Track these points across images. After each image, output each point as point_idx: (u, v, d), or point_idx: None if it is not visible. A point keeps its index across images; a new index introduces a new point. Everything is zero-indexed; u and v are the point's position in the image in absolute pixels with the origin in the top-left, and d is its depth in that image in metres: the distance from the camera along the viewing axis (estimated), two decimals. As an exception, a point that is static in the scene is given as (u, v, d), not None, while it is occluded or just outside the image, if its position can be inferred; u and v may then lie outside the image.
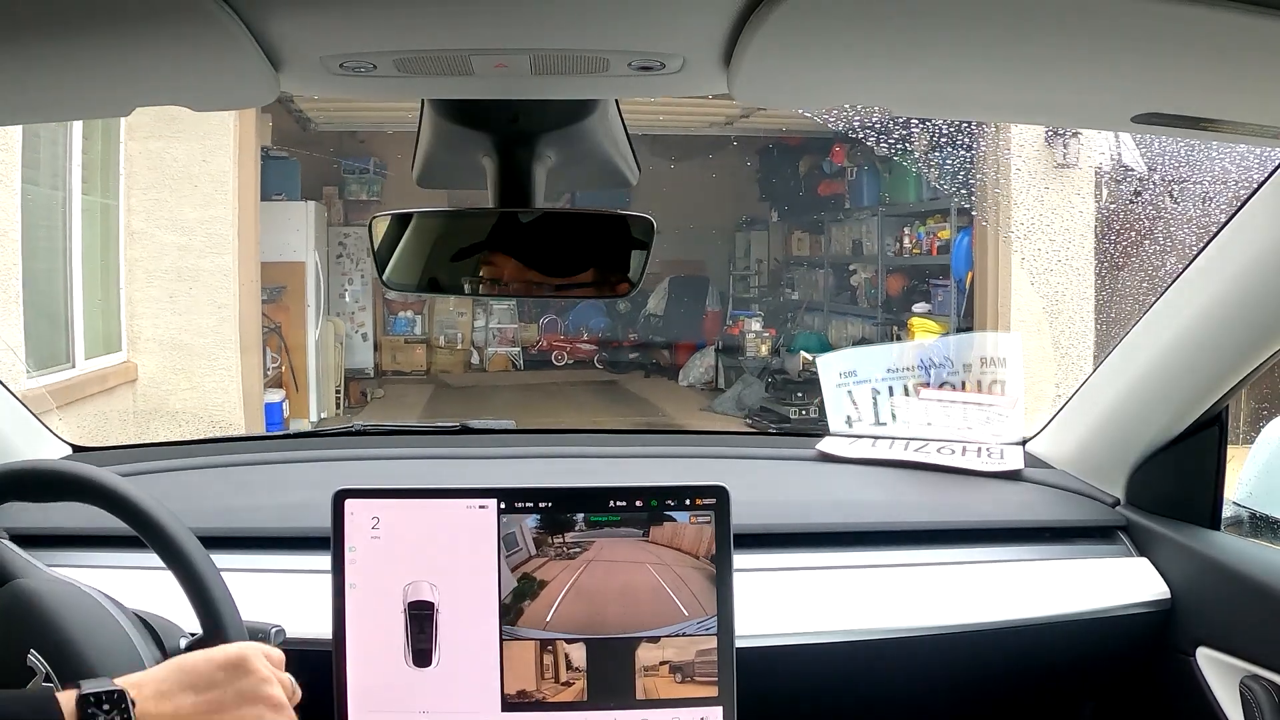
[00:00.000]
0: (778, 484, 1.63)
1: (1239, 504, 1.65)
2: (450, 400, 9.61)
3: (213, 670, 0.90)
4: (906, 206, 8.42)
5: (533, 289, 1.05)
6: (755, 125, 8.93)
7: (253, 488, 1.57)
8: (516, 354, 11.07)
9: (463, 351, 11.04)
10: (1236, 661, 1.29)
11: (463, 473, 1.62)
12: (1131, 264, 3.12)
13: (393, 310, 10.57)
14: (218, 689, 0.89)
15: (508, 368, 10.94)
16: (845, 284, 9.52)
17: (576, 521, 1.21)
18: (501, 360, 10.97)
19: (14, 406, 1.52)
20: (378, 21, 0.72)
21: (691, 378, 9.98)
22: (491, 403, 9.28)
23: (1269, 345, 1.28)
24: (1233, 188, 2.39)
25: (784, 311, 10.33)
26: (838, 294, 9.71)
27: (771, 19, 0.67)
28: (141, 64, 0.78)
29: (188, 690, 0.88)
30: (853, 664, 1.33)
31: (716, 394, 9.39)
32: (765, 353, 9.13)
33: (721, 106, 7.57)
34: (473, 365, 10.95)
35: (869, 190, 8.94)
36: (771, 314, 10.20)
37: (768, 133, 9.45)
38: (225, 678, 0.90)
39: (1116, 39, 0.71)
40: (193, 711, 0.88)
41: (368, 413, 8.64)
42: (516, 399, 9.48)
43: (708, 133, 9.23)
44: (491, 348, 11.08)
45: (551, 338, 11.15)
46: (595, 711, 1.19)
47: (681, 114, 8.06)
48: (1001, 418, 1.71)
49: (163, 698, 0.86)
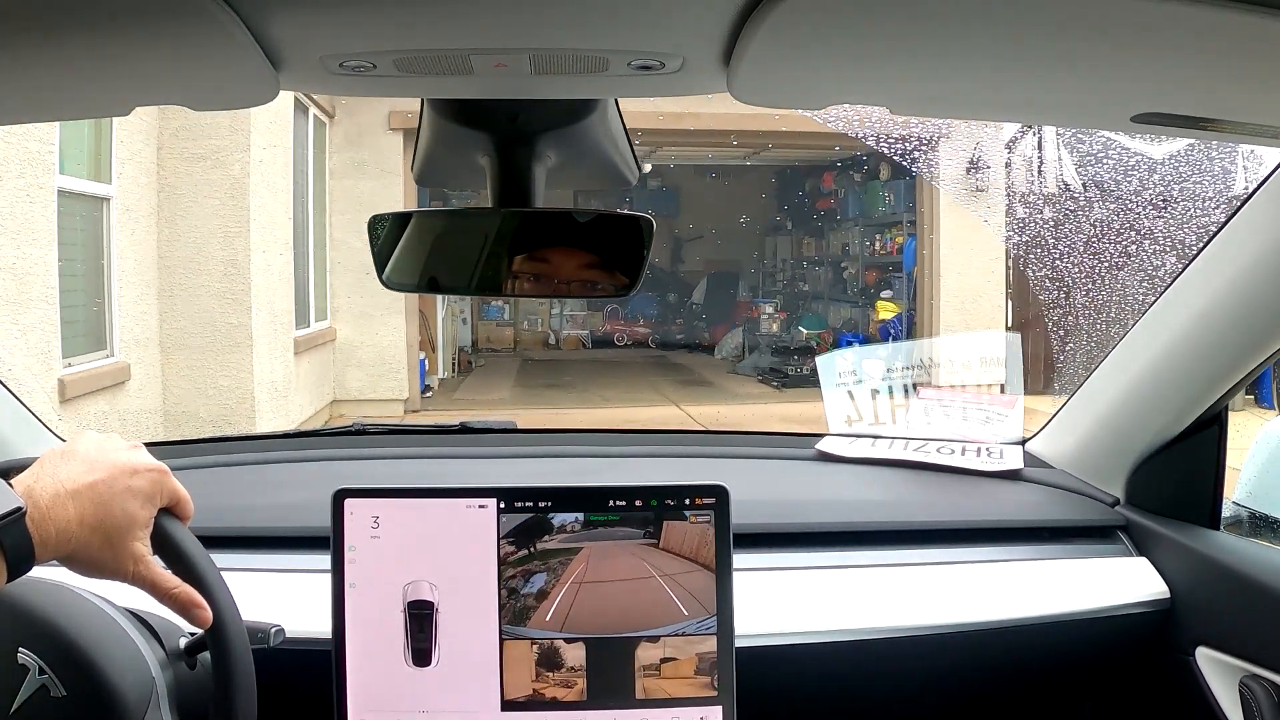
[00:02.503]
0: (778, 484, 1.63)
1: (1238, 504, 1.65)
2: (535, 370, 12.36)
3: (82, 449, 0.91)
4: (877, 219, 11.65)
5: (532, 288, 1.05)
6: (773, 156, 12.13)
7: (253, 487, 1.57)
8: (585, 335, 14.11)
9: (542, 333, 14.31)
10: (1236, 661, 1.29)
11: (463, 472, 1.62)
12: (1032, 259, 4.33)
13: (485, 300, 12.74)
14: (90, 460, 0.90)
15: (578, 347, 13.95)
16: (839, 278, 12.83)
17: (576, 521, 1.21)
18: (573, 340, 14.07)
19: (14, 406, 1.52)
20: (377, 21, 0.72)
21: (724, 352, 12.95)
22: (568, 371, 12.03)
23: (1269, 345, 1.28)
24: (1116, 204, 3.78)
25: (797, 299, 13.71)
26: (833, 285, 12.99)
27: (771, 19, 0.67)
28: (141, 64, 0.78)
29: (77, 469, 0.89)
30: (852, 663, 1.33)
31: (740, 362, 12.48)
32: (776, 330, 12.42)
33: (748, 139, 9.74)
34: (549, 344, 14.15)
35: (852, 206, 12.21)
36: (788, 301, 13.57)
37: (783, 161, 12.78)
38: (95, 448, 0.91)
39: (1116, 39, 0.70)
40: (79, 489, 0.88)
41: (475, 375, 11.69)
42: (587, 368, 12.14)
43: (741, 162, 12.40)
44: (565, 330, 14.29)
45: (613, 323, 14.13)
46: (595, 711, 1.19)
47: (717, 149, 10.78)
48: (1001, 418, 1.71)
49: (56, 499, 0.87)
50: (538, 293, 1.05)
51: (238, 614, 1.00)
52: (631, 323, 14.02)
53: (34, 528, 0.84)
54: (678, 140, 9.50)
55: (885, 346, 1.95)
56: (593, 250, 1.03)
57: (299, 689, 1.19)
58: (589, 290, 1.05)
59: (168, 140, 6.14)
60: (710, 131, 8.54)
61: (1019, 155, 6.51)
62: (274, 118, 6.83)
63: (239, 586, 1.03)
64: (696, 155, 11.94)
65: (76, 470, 0.89)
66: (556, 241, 1.03)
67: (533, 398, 10.43)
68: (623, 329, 13.88)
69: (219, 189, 6.29)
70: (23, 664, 0.94)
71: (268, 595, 1.24)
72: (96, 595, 1.03)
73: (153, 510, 0.93)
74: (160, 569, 0.93)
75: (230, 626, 0.99)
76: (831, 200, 12.70)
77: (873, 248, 11.81)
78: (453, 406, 9.57)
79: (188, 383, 6.27)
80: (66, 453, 0.91)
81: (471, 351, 12.63)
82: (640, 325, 13.98)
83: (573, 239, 1.03)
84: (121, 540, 0.90)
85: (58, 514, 0.85)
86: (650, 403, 9.74)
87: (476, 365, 12.17)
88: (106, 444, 0.93)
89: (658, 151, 10.65)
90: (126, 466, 0.91)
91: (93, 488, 0.88)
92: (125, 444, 0.94)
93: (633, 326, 13.93)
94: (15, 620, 0.96)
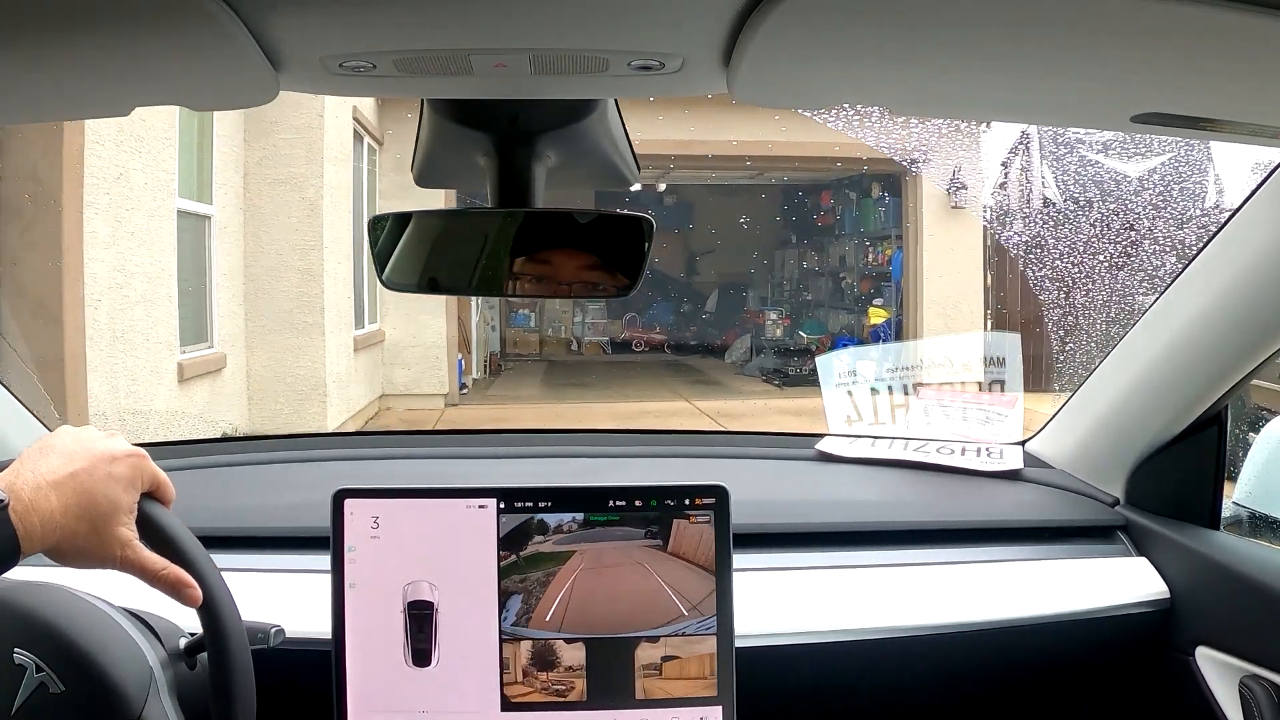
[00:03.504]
0: (777, 484, 1.63)
1: (1238, 503, 1.65)
2: (560, 371, 13.43)
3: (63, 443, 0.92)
4: (870, 233, 12.72)
5: (532, 288, 1.05)
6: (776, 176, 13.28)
7: (253, 488, 1.57)
8: (605, 341, 15.25)
9: (565, 339, 15.44)
10: (1236, 661, 1.29)
11: (463, 472, 1.62)
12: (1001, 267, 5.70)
13: (513, 308, 14.59)
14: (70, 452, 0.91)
15: (599, 353, 15.04)
16: (838, 287, 13.97)
17: (576, 521, 1.21)
18: (594, 347, 15.22)
19: (14, 406, 1.52)
20: (377, 21, 0.72)
21: (734, 356, 13.89)
22: (590, 373, 13.00)
23: (1268, 344, 1.28)
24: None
25: (800, 307, 14.93)
26: (833, 294, 14.11)
27: (771, 19, 0.67)
28: (141, 64, 0.78)
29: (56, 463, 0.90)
30: (852, 663, 1.33)
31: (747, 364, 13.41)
32: (780, 335, 13.73)
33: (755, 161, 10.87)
34: (572, 349, 15.25)
35: (848, 222, 13.42)
36: (792, 309, 14.85)
37: (785, 182, 13.94)
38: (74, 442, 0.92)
39: (1116, 39, 0.70)
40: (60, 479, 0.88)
41: (504, 376, 12.82)
42: (607, 370, 13.26)
43: (746, 182, 13.68)
44: (587, 337, 15.37)
45: (632, 330, 15.23)
46: (595, 711, 1.19)
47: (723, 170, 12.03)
48: (1001, 418, 1.71)
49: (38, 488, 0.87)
50: (538, 293, 1.04)
51: (237, 613, 1.00)
52: (649, 330, 15.21)
53: (18, 520, 0.84)
54: (689, 164, 10.74)
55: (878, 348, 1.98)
56: (593, 250, 1.02)
57: (299, 689, 1.19)
58: (589, 290, 1.05)
59: (253, 168, 7.30)
60: (718, 156, 9.73)
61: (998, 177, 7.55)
62: (340, 149, 7.87)
63: (239, 586, 1.03)
64: (705, 176, 13.07)
65: (56, 462, 0.89)
66: (556, 241, 1.02)
67: (558, 395, 11.50)
68: (640, 336, 14.99)
69: (296, 209, 7.41)
70: (19, 664, 0.94)
71: (268, 595, 1.24)
72: (92, 595, 1.03)
73: (135, 495, 0.94)
74: (147, 552, 0.94)
75: (229, 626, 0.99)
76: (830, 217, 14.00)
77: (866, 259, 12.99)
78: (487, 401, 10.75)
79: (269, 372, 7.36)
80: (44, 447, 0.91)
81: (501, 356, 13.68)
82: (657, 332, 15.13)
83: (573, 239, 1.02)
84: (106, 526, 0.90)
85: (41, 505, 0.86)
86: (663, 399, 10.62)
87: (505, 368, 13.28)
88: (83, 435, 0.94)
89: (670, 173, 11.81)
90: (105, 454, 0.92)
91: (74, 477, 0.89)
92: (101, 433, 0.95)
93: (650, 333, 15.09)
94: (9, 622, 0.96)
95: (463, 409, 9.82)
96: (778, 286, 15.79)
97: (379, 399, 9.55)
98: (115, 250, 5.28)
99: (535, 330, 15.20)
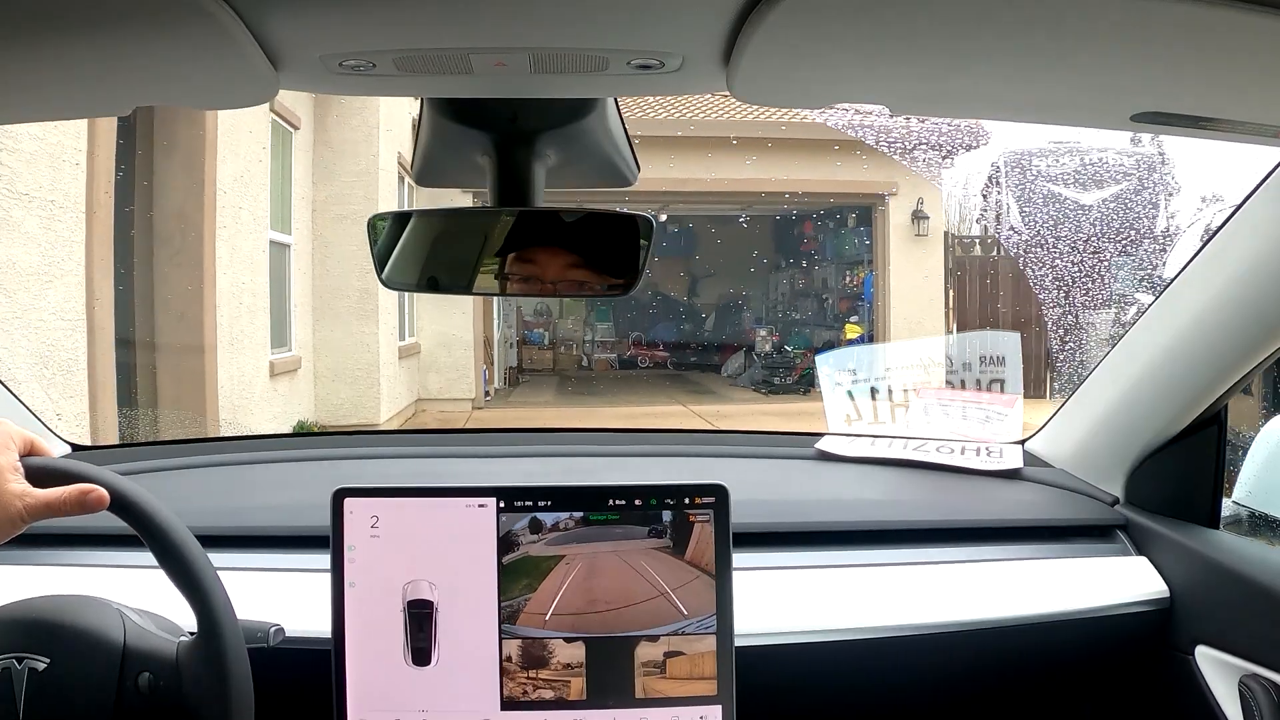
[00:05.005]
0: (777, 483, 1.63)
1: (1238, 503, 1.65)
2: (571, 383, 15.25)
3: None
4: (846, 258, 14.37)
5: (532, 287, 1.05)
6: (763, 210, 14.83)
7: (253, 487, 1.57)
8: (614, 358, 16.95)
9: (576, 355, 17.22)
10: (1235, 660, 1.29)
11: (462, 472, 1.62)
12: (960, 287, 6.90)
13: (528, 326, 16.81)
14: None
15: (607, 368, 16.66)
16: (821, 307, 15.61)
17: (575, 520, 1.21)
18: (603, 363, 16.86)
19: (14, 406, 1.52)
20: (377, 20, 0.72)
21: (729, 370, 15.46)
22: (599, 385, 14.56)
23: (1268, 344, 1.28)
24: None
25: (789, 325, 16.16)
26: (816, 313, 15.69)
27: (771, 18, 0.67)
28: (141, 63, 0.78)
29: None
30: (852, 662, 1.33)
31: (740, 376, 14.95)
32: (769, 350, 14.93)
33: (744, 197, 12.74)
34: (582, 365, 16.96)
35: (829, 249, 15.01)
36: (782, 327, 16.00)
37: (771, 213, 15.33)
38: None
39: (1116, 38, 0.71)
40: None
41: (522, 386, 14.37)
42: (615, 383, 15.00)
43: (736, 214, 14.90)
44: (596, 354, 17.07)
45: (637, 347, 16.96)
46: (594, 710, 1.19)
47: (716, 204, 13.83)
48: (1001, 417, 1.71)
49: None
50: (536, 292, 1.04)
51: (234, 613, 1.00)
52: (653, 348, 16.85)
53: None
54: (688, 200, 12.59)
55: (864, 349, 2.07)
56: (593, 249, 1.02)
57: (298, 688, 1.19)
58: (589, 289, 1.05)
59: (320, 204, 8.90)
60: (712, 192, 11.54)
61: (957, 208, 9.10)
62: (388, 189, 9.31)
63: (238, 586, 1.03)
64: (700, 210, 14.70)
65: None
66: (556, 240, 1.02)
67: (570, 401, 13.27)
68: (645, 353, 16.74)
69: (356, 239, 8.43)
70: (3, 668, 0.95)
71: (267, 594, 1.24)
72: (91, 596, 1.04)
73: (12, 455, 0.97)
74: (43, 491, 0.96)
75: (226, 625, 0.99)
76: (813, 244, 15.55)
77: (844, 281, 14.62)
78: (508, 406, 12.23)
79: (332, 374, 8.92)
80: None
81: (517, 370, 15.17)
82: (660, 350, 16.80)
83: (573, 238, 1.02)
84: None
85: None
86: (662, 404, 12.08)
87: (522, 380, 14.83)
88: None
89: (669, 207, 13.22)
90: None
91: None
92: None
93: (654, 351, 16.79)
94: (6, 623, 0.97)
95: (488, 411, 11.31)
96: (769, 306, 17.26)
97: (416, 401, 10.86)
98: (232, 271, 6.82)
99: (549, 347, 16.98)
